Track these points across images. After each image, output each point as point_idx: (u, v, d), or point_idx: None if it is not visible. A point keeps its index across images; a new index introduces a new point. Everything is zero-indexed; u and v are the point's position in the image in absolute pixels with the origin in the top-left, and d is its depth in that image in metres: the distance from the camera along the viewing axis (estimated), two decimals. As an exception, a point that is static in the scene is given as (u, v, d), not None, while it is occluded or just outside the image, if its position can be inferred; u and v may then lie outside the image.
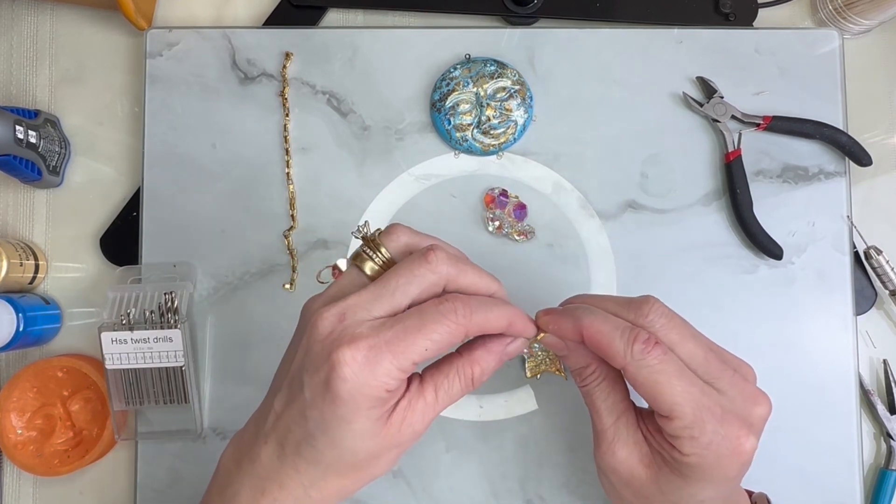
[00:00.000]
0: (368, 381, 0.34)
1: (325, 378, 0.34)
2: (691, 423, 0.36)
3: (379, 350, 0.34)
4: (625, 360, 0.37)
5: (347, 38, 0.57)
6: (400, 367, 0.34)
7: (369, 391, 0.34)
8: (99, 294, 0.57)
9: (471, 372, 0.38)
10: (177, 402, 0.52)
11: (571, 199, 0.56)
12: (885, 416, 0.55)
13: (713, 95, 0.55)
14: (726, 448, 0.37)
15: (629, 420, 0.40)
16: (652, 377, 0.37)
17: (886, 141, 0.58)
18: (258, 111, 0.57)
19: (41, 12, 0.60)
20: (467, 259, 0.39)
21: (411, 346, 0.34)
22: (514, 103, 0.55)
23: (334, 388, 0.34)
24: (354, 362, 0.34)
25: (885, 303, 0.57)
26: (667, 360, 0.37)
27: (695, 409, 0.36)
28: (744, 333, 0.54)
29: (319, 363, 0.34)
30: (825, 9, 0.58)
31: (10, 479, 0.57)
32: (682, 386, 0.37)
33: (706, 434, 0.36)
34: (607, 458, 0.40)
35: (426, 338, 0.34)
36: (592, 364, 0.41)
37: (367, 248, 0.38)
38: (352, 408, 0.34)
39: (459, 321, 0.35)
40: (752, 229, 0.54)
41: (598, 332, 0.38)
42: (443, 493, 0.53)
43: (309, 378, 0.35)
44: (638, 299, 0.40)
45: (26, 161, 0.53)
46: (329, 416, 0.34)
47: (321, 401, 0.34)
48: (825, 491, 0.53)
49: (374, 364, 0.34)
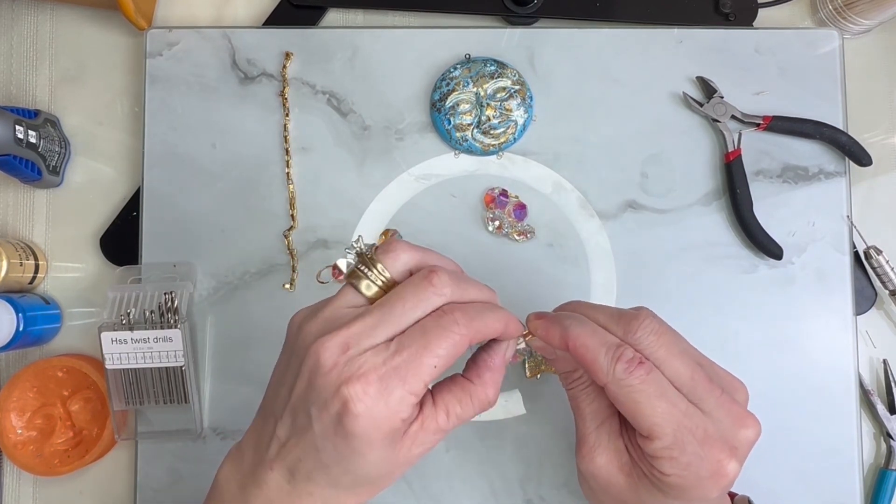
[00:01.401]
0: (383, 413, 0.33)
1: (337, 414, 0.33)
2: (671, 445, 0.36)
3: (389, 380, 0.33)
4: (606, 379, 0.37)
5: (347, 38, 0.57)
6: (413, 392, 0.34)
7: (384, 424, 0.34)
8: (99, 294, 0.57)
9: (485, 395, 0.38)
10: (177, 402, 0.52)
11: (571, 199, 0.56)
12: (885, 416, 0.55)
13: (713, 95, 0.55)
14: (706, 471, 0.36)
15: (611, 428, 0.40)
16: (632, 397, 0.36)
17: (886, 141, 0.58)
18: (258, 111, 0.57)
19: (41, 12, 0.60)
20: (464, 274, 0.39)
21: (420, 369, 0.34)
22: (514, 103, 0.55)
23: (348, 425, 0.33)
24: (367, 396, 0.33)
25: (885, 303, 0.57)
26: (648, 381, 0.36)
27: (675, 430, 0.36)
28: (744, 333, 0.54)
29: (327, 398, 0.34)
30: (825, 9, 0.58)
31: (10, 479, 0.57)
32: (662, 407, 0.36)
33: (686, 455, 0.36)
34: (587, 462, 0.40)
35: (433, 355, 0.34)
36: (579, 369, 0.41)
37: (364, 267, 0.37)
38: (366, 441, 0.34)
39: (462, 332, 0.35)
40: (752, 229, 0.54)
41: (583, 347, 0.38)
42: (443, 493, 0.53)
43: (317, 412, 0.34)
44: (629, 313, 0.39)
45: (26, 161, 0.53)
46: (343, 450, 0.34)
47: (333, 435, 0.34)
48: (825, 491, 0.53)
49: (387, 396, 0.33)
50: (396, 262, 0.37)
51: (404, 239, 0.52)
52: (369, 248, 0.38)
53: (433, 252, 0.39)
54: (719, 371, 0.40)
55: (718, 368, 0.40)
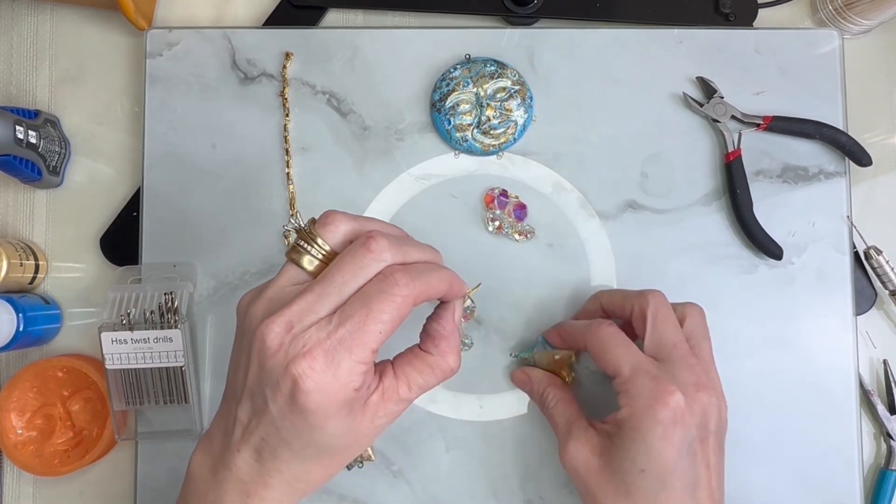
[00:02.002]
0: (333, 386, 0.34)
1: (289, 393, 0.34)
2: (627, 379, 0.43)
3: (335, 352, 0.34)
4: (584, 338, 0.47)
5: (347, 38, 0.57)
6: (360, 360, 0.34)
7: (337, 396, 0.34)
8: (99, 294, 0.57)
9: (446, 364, 0.39)
10: (177, 402, 0.52)
11: (571, 199, 0.56)
12: (885, 416, 0.55)
13: (713, 95, 0.56)
14: (653, 398, 0.41)
15: (580, 424, 0.46)
16: (601, 345, 0.45)
17: (886, 141, 0.58)
18: (258, 111, 0.57)
19: (41, 12, 0.60)
20: (407, 237, 0.40)
21: (365, 336, 0.34)
22: (514, 103, 0.55)
23: (300, 401, 0.34)
24: (314, 372, 0.33)
25: (885, 303, 0.57)
26: (614, 335, 0.45)
27: (632, 368, 0.43)
28: (744, 333, 0.54)
29: (278, 378, 0.34)
30: (825, 9, 0.58)
31: (10, 479, 0.57)
32: (623, 353, 0.44)
33: (636, 387, 0.42)
34: (564, 456, 0.45)
35: (377, 321, 0.34)
36: (548, 388, 0.50)
37: (304, 242, 0.37)
38: (321, 415, 0.34)
39: (404, 293, 0.35)
40: (752, 229, 0.54)
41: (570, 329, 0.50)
42: (443, 493, 0.53)
43: (271, 393, 0.34)
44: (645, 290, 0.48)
45: (26, 161, 0.53)
46: (301, 425, 0.35)
47: (289, 413, 0.34)
48: (825, 491, 0.53)
49: (334, 368, 0.34)
50: (336, 234, 0.37)
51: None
52: (308, 223, 0.37)
53: (373, 219, 0.39)
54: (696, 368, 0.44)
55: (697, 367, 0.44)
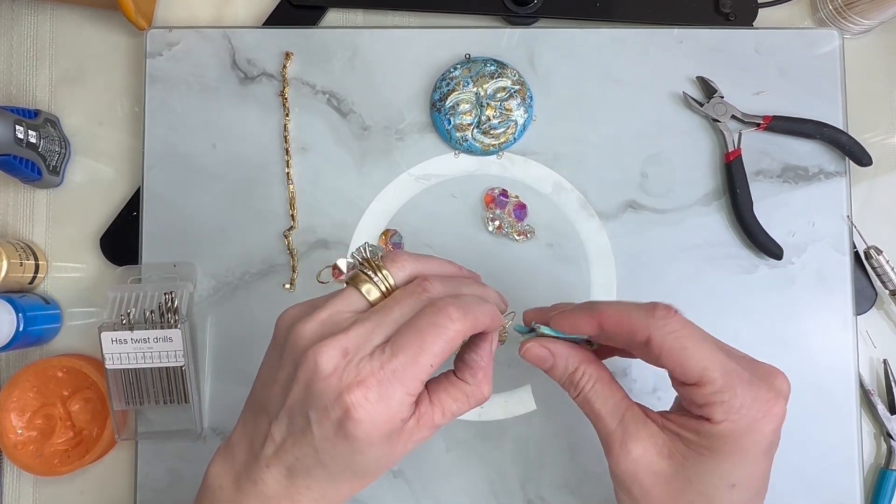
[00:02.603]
0: (384, 416, 0.34)
1: (339, 420, 0.34)
2: (722, 388, 0.35)
3: (388, 383, 0.34)
4: (648, 330, 0.36)
5: (347, 38, 0.57)
6: (410, 392, 0.35)
7: (385, 426, 0.34)
8: (99, 294, 0.57)
9: (480, 393, 0.39)
10: (177, 402, 0.52)
11: (571, 199, 0.56)
12: (885, 416, 0.55)
13: (713, 95, 0.55)
14: (758, 411, 0.35)
15: (635, 416, 0.38)
16: (679, 343, 0.36)
17: (886, 141, 0.58)
18: (258, 111, 0.57)
19: (41, 12, 0.60)
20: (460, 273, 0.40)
21: (417, 369, 0.35)
22: (514, 103, 0.55)
23: (350, 429, 0.34)
24: (368, 402, 0.34)
25: (885, 303, 0.57)
26: (690, 326, 0.37)
27: (724, 374, 0.35)
28: (744, 333, 0.54)
29: (328, 403, 0.34)
30: (825, 9, 0.58)
31: (10, 479, 0.57)
32: (709, 349, 0.36)
33: (737, 397, 0.35)
34: (622, 460, 0.37)
35: (429, 355, 0.35)
36: (581, 366, 0.40)
37: (370, 272, 0.37)
38: (366, 442, 0.34)
39: (456, 327, 0.35)
40: (752, 229, 0.54)
41: (616, 313, 0.38)
42: (443, 493, 0.53)
43: (317, 416, 0.34)
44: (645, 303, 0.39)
45: (26, 161, 0.53)
46: (344, 450, 0.35)
47: (334, 437, 0.34)
48: (825, 491, 0.53)
49: (387, 399, 0.34)
50: (402, 272, 0.38)
51: (404, 239, 0.53)
52: (375, 253, 0.38)
53: (435, 259, 0.40)
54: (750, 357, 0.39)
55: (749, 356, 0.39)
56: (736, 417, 0.35)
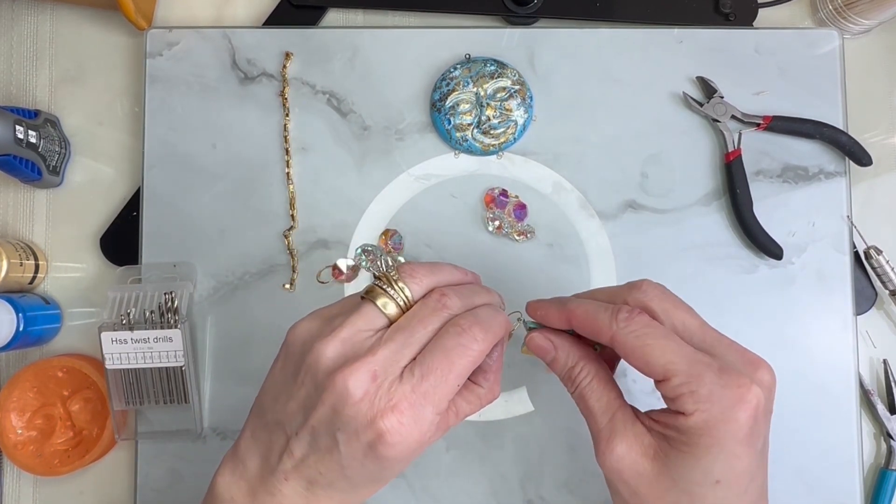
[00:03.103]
0: (415, 438, 0.35)
1: (370, 443, 0.35)
2: (688, 378, 0.35)
3: (421, 406, 0.35)
4: (611, 330, 0.37)
5: (347, 38, 0.57)
6: (439, 412, 0.36)
7: (415, 446, 0.35)
8: (99, 294, 0.57)
9: (492, 395, 0.41)
10: (177, 402, 0.52)
11: (571, 199, 0.56)
12: (885, 416, 0.55)
13: (713, 95, 0.56)
14: (729, 398, 0.35)
15: (625, 416, 0.39)
16: (640, 341, 0.36)
17: (886, 141, 0.58)
18: (258, 111, 0.57)
19: (41, 12, 0.60)
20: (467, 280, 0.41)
21: (447, 389, 0.36)
22: (514, 103, 0.55)
23: (382, 452, 0.35)
24: (402, 426, 0.34)
25: (885, 303, 0.57)
26: (653, 325, 0.37)
27: (689, 364, 0.35)
28: (744, 333, 0.54)
29: (358, 428, 0.34)
30: (825, 9, 0.58)
31: (10, 479, 0.57)
32: (672, 345, 0.36)
33: (705, 385, 0.35)
34: (607, 457, 0.38)
35: (457, 375, 0.36)
36: (580, 362, 0.40)
37: (387, 286, 0.38)
38: (397, 461, 0.35)
39: (482, 347, 0.37)
40: (752, 229, 0.54)
41: (584, 312, 0.39)
42: (443, 493, 0.53)
43: (346, 438, 0.35)
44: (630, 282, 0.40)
45: (26, 161, 0.53)
46: (372, 468, 0.36)
47: (363, 459, 0.35)
48: (825, 491, 0.53)
49: (420, 422, 0.35)
50: (420, 287, 0.38)
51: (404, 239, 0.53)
52: (391, 267, 0.39)
53: (445, 267, 0.40)
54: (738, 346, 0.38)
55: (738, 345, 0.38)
56: (706, 406, 0.35)
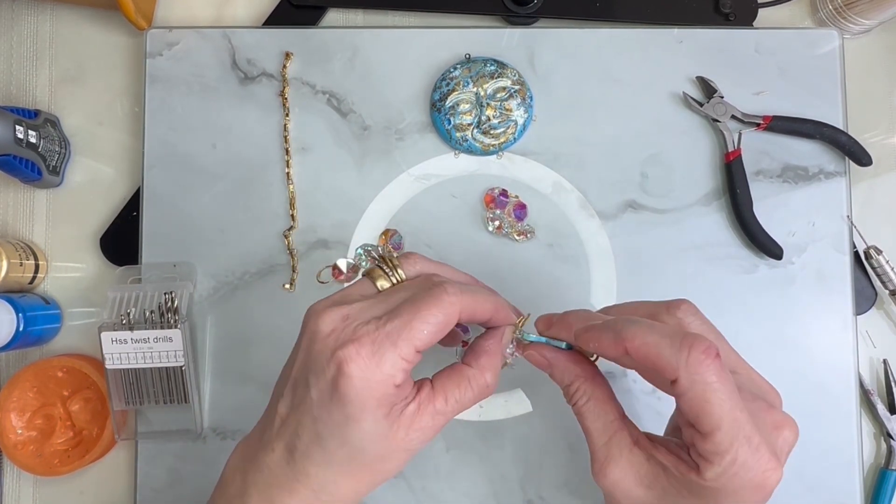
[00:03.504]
0: (376, 376, 0.34)
1: (332, 378, 0.34)
2: (724, 451, 0.33)
3: (381, 343, 0.35)
4: (677, 372, 0.33)
5: (347, 38, 0.57)
6: (404, 356, 0.35)
7: (376, 387, 0.34)
8: (99, 294, 0.57)
9: (483, 379, 0.38)
10: (177, 402, 0.52)
11: (571, 199, 0.56)
12: (885, 416, 0.55)
13: (713, 95, 0.55)
14: (750, 481, 0.33)
15: (622, 440, 0.37)
16: (704, 395, 0.32)
17: (886, 141, 0.58)
18: (258, 111, 0.57)
19: (41, 12, 0.60)
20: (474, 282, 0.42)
21: (412, 332, 0.35)
22: (514, 103, 0.55)
23: (342, 387, 0.34)
24: (360, 358, 0.34)
25: (885, 303, 0.57)
26: (724, 378, 0.33)
27: (732, 438, 0.33)
28: (744, 333, 0.54)
29: (324, 363, 0.35)
30: (825, 9, 0.58)
31: (10, 479, 0.57)
32: (729, 407, 0.33)
33: (735, 464, 0.33)
34: (600, 478, 0.37)
35: (424, 321, 0.35)
36: (576, 381, 0.39)
37: (386, 267, 0.39)
38: (359, 406, 0.34)
39: (452, 300, 0.36)
40: (752, 229, 0.54)
41: (645, 345, 0.34)
42: (443, 493, 0.53)
43: (315, 379, 0.35)
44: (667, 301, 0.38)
45: (26, 161, 0.53)
46: (338, 416, 0.35)
47: (329, 401, 0.35)
48: (825, 491, 0.53)
49: (378, 358, 0.34)
50: (413, 269, 0.40)
51: (404, 239, 0.54)
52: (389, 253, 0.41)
53: (447, 266, 0.41)
54: (755, 376, 0.38)
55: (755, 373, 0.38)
56: (725, 481, 0.33)
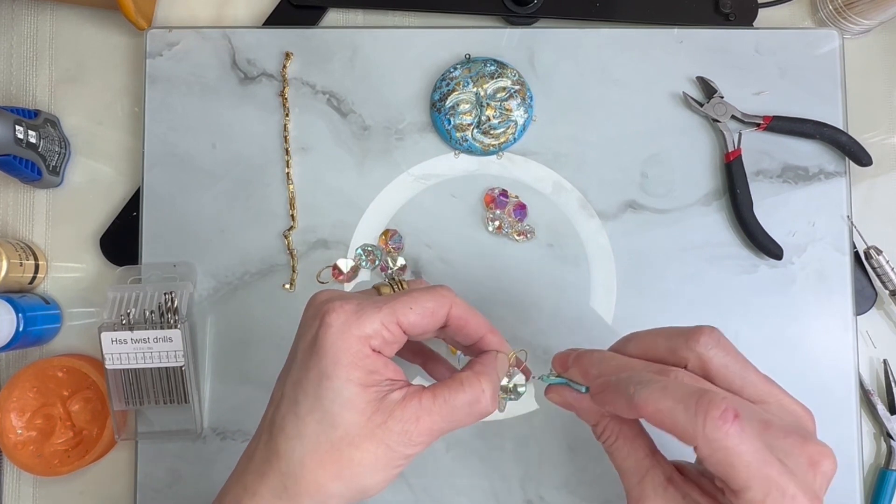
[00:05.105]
0: (353, 330, 0.35)
1: (315, 331, 0.35)
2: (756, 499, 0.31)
3: (366, 306, 0.36)
4: (696, 440, 0.31)
5: (347, 38, 0.57)
6: (385, 323, 0.35)
7: (353, 343, 0.35)
8: (99, 294, 0.57)
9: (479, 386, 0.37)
10: (177, 402, 0.52)
11: (571, 199, 0.56)
12: (885, 416, 0.55)
13: (713, 95, 0.55)
14: None
15: (655, 479, 0.36)
16: (728, 459, 0.31)
17: (886, 141, 0.58)
18: (258, 111, 0.57)
19: (41, 12, 0.60)
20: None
21: (397, 305, 0.36)
22: (514, 103, 0.55)
23: (320, 338, 0.35)
24: (342, 311, 0.35)
25: (885, 303, 0.57)
26: (747, 437, 0.31)
27: (766, 494, 0.31)
28: (744, 334, 0.54)
29: (311, 322, 0.36)
30: (825, 9, 0.58)
31: (10, 479, 0.57)
32: (756, 467, 0.31)
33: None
34: None
35: (414, 301, 0.36)
36: (602, 422, 0.37)
37: (395, 285, 0.41)
38: (332, 359, 0.34)
39: (445, 293, 0.38)
40: (752, 229, 0.54)
41: (658, 412, 0.32)
42: (443, 493, 0.53)
43: (302, 342, 0.36)
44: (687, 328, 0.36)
45: (26, 161, 0.53)
46: (313, 372, 0.35)
47: (308, 356, 0.35)
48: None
49: (360, 315, 0.35)
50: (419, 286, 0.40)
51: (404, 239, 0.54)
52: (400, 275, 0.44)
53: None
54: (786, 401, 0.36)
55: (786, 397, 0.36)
56: None
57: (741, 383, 0.35)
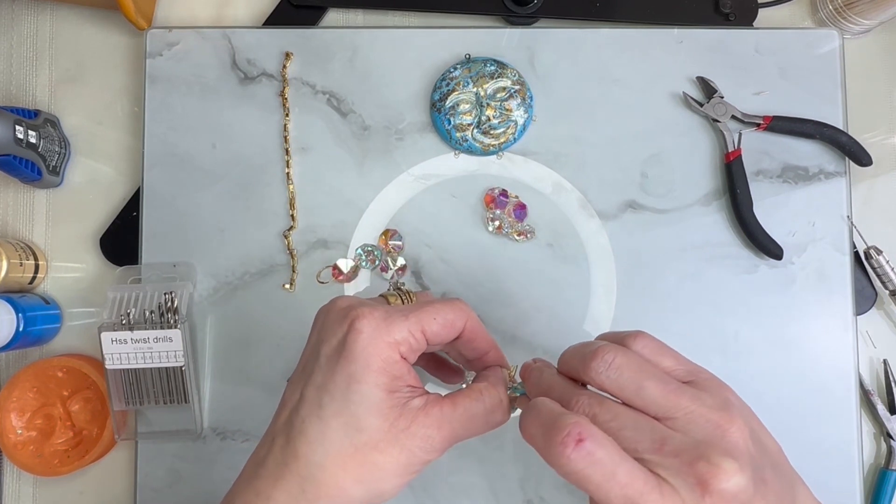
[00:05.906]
0: (383, 336, 0.35)
1: (343, 336, 0.36)
2: None
3: (393, 314, 0.36)
4: (549, 463, 0.32)
5: (347, 38, 0.57)
6: (412, 330, 0.36)
7: (384, 349, 0.35)
8: (99, 294, 0.57)
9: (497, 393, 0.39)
10: (177, 402, 0.52)
11: (571, 199, 0.56)
12: (885, 416, 0.55)
13: (713, 95, 0.55)
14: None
15: None
16: (578, 482, 0.31)
17: (886, 141, 0.58)
18: (258, 111, 0.57)
19: (41, 12, 0.60)
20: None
21: (421, 314, 0.37)
22: (514, 103, 0.55)
23: (350, 342, 0.35)
24: (372, 317, 0.36)
25: (885, 303, 0.57)
26: (594, 461, 0.31)
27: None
28: (744, 334, 0.54)
29: (336, 325, 0.36)
30: (825, 9, 0.58)
31: (10, 479, 0.57)
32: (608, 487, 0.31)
33: None
34: None
35: (436, 311, 0.38)
36: None
37: (402, 296, 0.41)
38: (363, 364, 0.35)
39: (463, 307, 0.39)
40: (752, 229, 0.54)
41: (530, 438, 0.34)
42: (443, 493, 0.53)
43: (326, 343, 0.36)
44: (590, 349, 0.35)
45: (26, 161, 0.53)
46: (341, 376, 0.35)
47: (336, 360, 0.35)
48: (825, 491, 0.53)
49: (389, 323, 0.36)
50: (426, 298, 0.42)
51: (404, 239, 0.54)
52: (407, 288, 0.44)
53: None
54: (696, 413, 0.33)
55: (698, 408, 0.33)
56: None
57: (642, 403, 0.33)
